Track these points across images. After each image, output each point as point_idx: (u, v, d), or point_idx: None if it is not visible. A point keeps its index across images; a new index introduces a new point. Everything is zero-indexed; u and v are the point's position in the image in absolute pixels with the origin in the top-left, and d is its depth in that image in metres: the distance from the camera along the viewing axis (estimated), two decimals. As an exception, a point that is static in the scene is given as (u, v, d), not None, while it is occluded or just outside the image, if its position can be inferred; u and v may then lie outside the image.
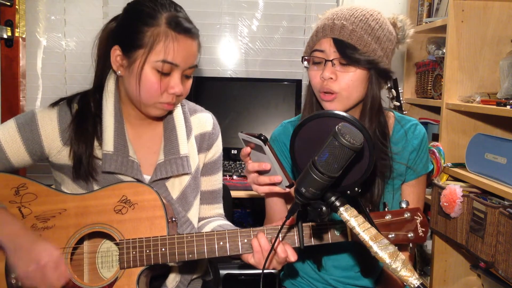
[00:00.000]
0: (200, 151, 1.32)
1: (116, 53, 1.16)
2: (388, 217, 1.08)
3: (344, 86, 1.16)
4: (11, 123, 1.19)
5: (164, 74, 1.13)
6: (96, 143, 1.20)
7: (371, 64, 1.15)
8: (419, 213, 1.09)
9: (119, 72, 1.17)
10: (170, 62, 1.12)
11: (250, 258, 1.11)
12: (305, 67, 1.23)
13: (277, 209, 1.29)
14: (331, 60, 1.15)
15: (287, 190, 1.07)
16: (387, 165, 1.23)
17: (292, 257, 1.06)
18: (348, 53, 1.13)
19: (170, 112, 1.27)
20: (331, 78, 1.16)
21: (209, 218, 1.37)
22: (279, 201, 1.29)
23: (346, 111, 1.14)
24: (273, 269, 1.10)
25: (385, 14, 1.23)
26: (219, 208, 1.39)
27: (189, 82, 1.20)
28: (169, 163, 1.23)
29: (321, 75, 1.17)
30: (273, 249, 1.04)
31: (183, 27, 1.13)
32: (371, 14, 1.17)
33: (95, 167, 1.19)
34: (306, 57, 1.22)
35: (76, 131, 1.19)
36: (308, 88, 1.28)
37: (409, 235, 1.07)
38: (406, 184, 1.31)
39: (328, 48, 1.16)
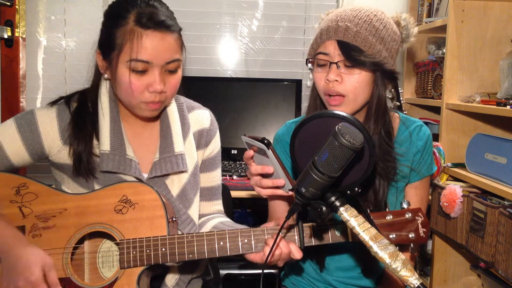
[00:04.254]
0: (198, 148, 1.32)
1: (99, 57, 1.18)
2: (389, 217, 1.08)
3: (350, 88, 1.15)
4: (10, 123, 1.19)
5: (139, 72, 1.11)
6: (95, 142, 1.20)
7: (376, 66, 1.14)
8: (420, 214, 1.09)
9: (106, 75, 1.18)
10: (140, 60, 1.10)
11: (254, 256, 1.11)
12: (310, 69, 1.22)
13: (280, 211, 1.29)
14: (336, 63, 1.14)
15: (290, 193, 1.07)
16: (392, 166, 1.23)
17: (297, 254, 1.07)
18: (353, 55, 1.12)
19: (165, 111, 1.27)
20: (336, 81, 1.14)
21: (208, 215, 1.37)
22: (282, 203, 1.29)
23: (353, 114, 1.13)
24: (275, 265, 1.09)
25: (388, 14, 1.22)
26: (218, 205, 1.39)
27: (175, 77, 1.17)
28: (164, 161, 1.23)
29: (326, 77, 1.15)
30: (274, 246, 1.04)
31: (152, 21, 1.09)
32: (375, 15, 1.16)
33: (95, 165, 1.19)
34: (310, 60, 1.20)
35: (75, 129, 1.19)
36: (312, 90, 1.27)
37: (410, 236, 1.07)
38: (409, 185, 1.30)
39: (333, 51, 1.14)
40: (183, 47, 1.18)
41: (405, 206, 1.10)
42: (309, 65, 1.21)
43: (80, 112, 1.21)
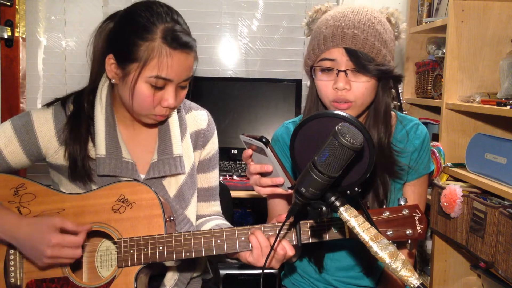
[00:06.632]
0: (195, 149, 1.32)
1: (110, 61, 1.14)
2: (386, 214, 1.08)
3: (359, 94, 1.14)
4: (7, 125, 1.19)
5: (158, 88, 1.11)
6: (90, 144, 1.20)
7: (384, 73, 1.14)
8: (417, 210, 1.09)
9: (114, 80, 1.16)
10: (164, 78, 1.10)
11: (248, 256, 1.10)
12: (311, 76, 1.20)
13: (279, 210, 1.29)
14: (345, 71, 1.13)
15: (290, 191, 1.07)
16: (396, 164, 1.24)
17: (290, 251, 1.07)
18: (362, 63, 1.11)
19: None
20: (346, 89, 1.13)
21: (206, 216, 1.37)
22: (281, 202, 1.29)
23: (358, 117, 1.13)
24: (272, 267, 1.10)
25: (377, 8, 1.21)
26: (216, 206, 1.39)
27: (184, 92, 1.19)
28: (162, 163, 1.22)
29: (334, 85, 1.14)
30: (273, 249, 1.04)
31: (179, 42, 1.10)
32: (375, 17, 1.15)
33: (91, 169, 1.19)
34: (315, 66, 1.17)
35: (70, 132, 1.18)
36: (311, 92, 1.26)
37: (408, 232, 1.07)
38: (407, 184, 1.30)
39: (340, 57, 1.12)
40: (195, 60, 1.18)
41: (402, 203, 1.10)
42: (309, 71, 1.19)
43: (75, 115, 1.20)
